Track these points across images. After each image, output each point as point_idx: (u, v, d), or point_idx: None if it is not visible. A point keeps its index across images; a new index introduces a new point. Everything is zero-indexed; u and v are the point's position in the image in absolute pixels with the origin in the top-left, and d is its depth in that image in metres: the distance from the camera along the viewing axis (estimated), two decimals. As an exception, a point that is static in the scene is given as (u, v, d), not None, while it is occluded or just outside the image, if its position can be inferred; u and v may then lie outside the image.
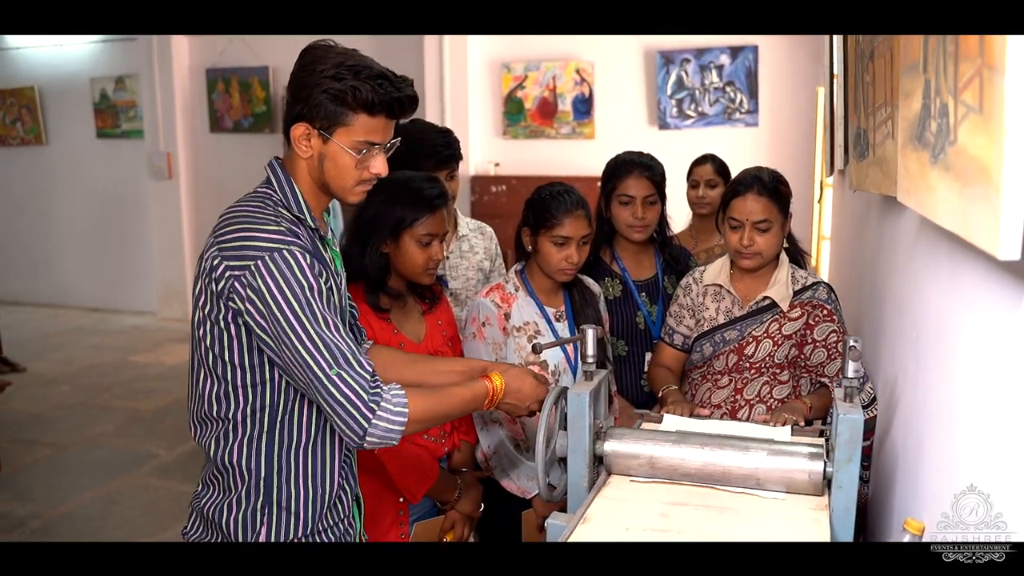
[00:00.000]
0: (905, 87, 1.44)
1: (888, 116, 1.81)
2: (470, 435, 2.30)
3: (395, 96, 1.53)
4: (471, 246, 2.70)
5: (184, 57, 7.97)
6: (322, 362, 1.45)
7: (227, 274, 1.46)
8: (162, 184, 8.09)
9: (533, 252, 2.29)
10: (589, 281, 2.45)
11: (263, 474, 1.58)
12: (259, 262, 1.45)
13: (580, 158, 6.53)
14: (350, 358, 1.46)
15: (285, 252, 1.46)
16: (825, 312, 2.23)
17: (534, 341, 2.17)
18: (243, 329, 1.50)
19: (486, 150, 6.93)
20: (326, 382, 1.44)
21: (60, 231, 8.84)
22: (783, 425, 1.89)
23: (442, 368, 1.92)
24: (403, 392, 1.51)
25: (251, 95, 7.78)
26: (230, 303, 1.48)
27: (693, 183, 3.41)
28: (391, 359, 1.88)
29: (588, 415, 1.60)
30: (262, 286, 1.44)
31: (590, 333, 1.69)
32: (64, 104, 8.53)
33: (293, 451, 1.59)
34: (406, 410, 1.49)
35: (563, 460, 1.70)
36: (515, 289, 2.32)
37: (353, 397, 1.45)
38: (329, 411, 1.46)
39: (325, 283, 1.52)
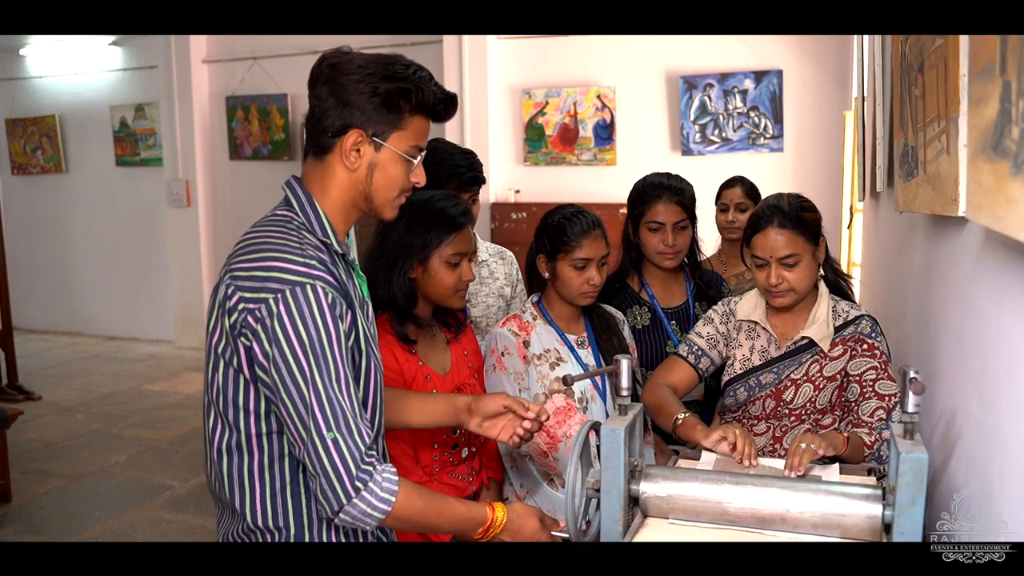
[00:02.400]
0: (975, 94, 1.32)
1: (942, 130, 1.69)
2: (498, 473, 2.18)
3: (442, 95, 1.45)
4: (491, 272, 2.60)
5: (204, 85, 7.98)
6: (320, 421, 1.32)
7: (240, 306, 1.33)
8: (181, 212, 8.06)
9: (551, 279, 2.19)
10: (610, 308, 2.33)
11: (293, 530, 1.44)
12: (278, 296, 1.31)
13: (601, 185, 6.44)
14: (351, 423, 1.33)
15: (308, 289, 1.32)
16: (866, 347, 2.01)
17: (565, 374, 2.05)
18: (249, 371, 1.37)
19: (506, 177, 6.85)
20: (318, 444, 1.32)
21: (79, 259, 8.85)
22: (803, 469, 1.67)
23: (423, 407, 1.82)
24: (396, 480, 1.37)
25: (270, 122, 7.76)
26: (241, 339, 1.34)
27: (722, 207, 3.29)
28: (400, 403, 1.80)
29: (623, 453, 1.48)
30: (276, 325, 1.31)
31: (624, 363, 1.56)
32: (84, 132, 8.58)
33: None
34: (392, 499, 1.36)
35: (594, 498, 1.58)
36: (532, 318, 2.22)
37: (340, 468, 1.32)
38: (312, 471, 1.34)
39: (346, 324, 1.38)
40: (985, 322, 1.42)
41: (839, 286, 2.17)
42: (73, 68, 8.50)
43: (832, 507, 1.45)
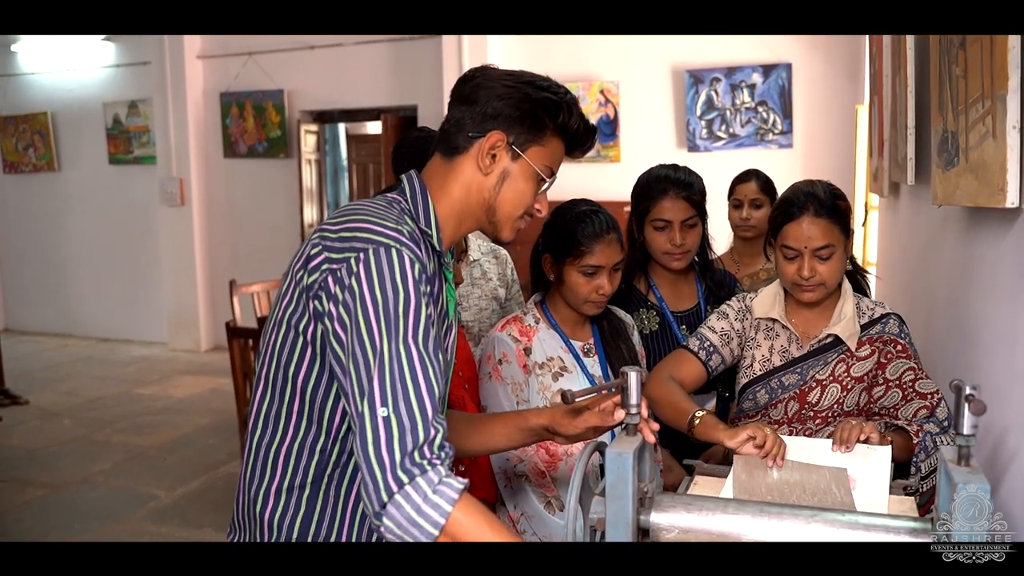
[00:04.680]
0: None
1: (987, 111, 1.50)
2: (490, 494, 1.98)
3: (587, 125, 1.40)
4: (483, 272, 2.41)
5: (198, 81, 7.80)
6: (376, 394, 1.13)
7: (324, 266, 1.22)
8: (174, 211, 7.90)
9: (556, 282, 1.99)
10: (619, 311, 2.13)
11: (295, 536, 1.31)
12: (360, 255, 1.20)
13: (605, 182, 6.23)
14: (413, 406, 1.14)
15: (393, 251, 1.20)
16: (899, 348, 1.87)
17: (557, 386, 1.85)
18: (319, 341, 1.23)
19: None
20: (367, 420, 1.12)
21: (71, 258, 8.69)
22: (852, 444, 1.60)
23: (502, 430, 1.59)
24: (459, 490, 1.13)
25: (266, 119, 7.59)
26: (316, 302, 1.22)
27: (736, 203, 3.07)
28: (461, 425, 1.58)
29: (632, 480, 1.28)
30: (354, 283, 1.18)
31: (633, 377, 1.36)
32: (77, 130, 8.42)
33: (338, 516, 1.32)
34: (447, 508, 1.11)
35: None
36: (535, 321, 2.02)
37: (384, 453, 1.11)
38: (357, 458, 1.14)
39: (428, 307, 1.21)
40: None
41: (857, 282, 2.04)
42: (65, 64, 8.33)
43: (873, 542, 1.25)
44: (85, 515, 4.22)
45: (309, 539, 1.31)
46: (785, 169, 5.78)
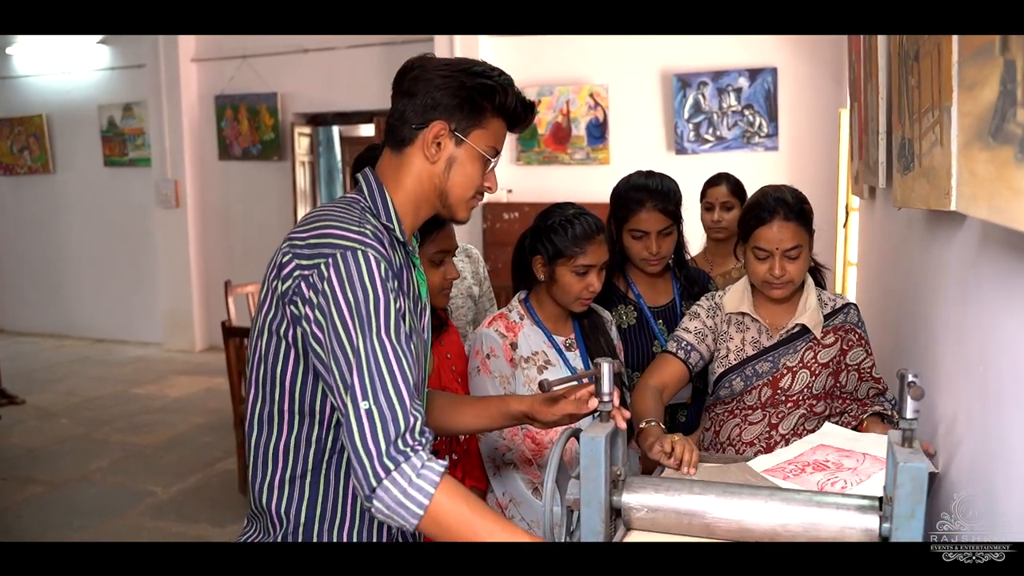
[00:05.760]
0: (967, 78, 1.24)
1: (936, 121, 1.61)
2: (481, 481, 2.09)
3: (523, 102, 1.47)
4: (458, 271, 2.52)
5: (192, 84, 7.88)
6: (357, 389, 1.23)
7: (296, 273, 1.30)
8: (169, 212, 7.97)
9: (548, 282, 2.10)
10: (599, 308, 2.25)
11: (302, 521, 1.40)
12: (329, 260, 1.28)
13: (595, 184, 6.32)
14: (392, 398, 1.24)
15: (359, 253, 1.29)
16: (857, 336, 2.08)
17: (541, 378, 1.96)
18: (300, 343, 1.33)
19: (499, 176, 6.71)
20: (351, 414, 1.23)
21: (67, 260, 8.75)
22: None
23: (485, 413, 1.71)
24: (441, 473, 1.24)
25: (260, 122, 7.67)
26: (292, 307, 1.31)
27: (707, 206, 3.19)
28: (445, 404, 1.70)
29: (604, 462, 1.39)
30: (326, 287, 1.27)
31: (606, 367, 1.47)
32: (72, 132, 8.48)
33: (339, 499, 1.41)
34: (430, 490, 1.22)
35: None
36: (520, 318, 2.13)
37: (370, 442, 1.22)
38: (346, 447, 1.25)
39: (396, 301, 1.31)
40: (988, 323, 1.34)
41: (816, 277, 2.19)
42: (60, 67, 8.40)
43: (827, 520, 1.36)
44: (84, 511, 4.31)
45: (316, 523, 1.40)
46: (771, 171, 5.91)
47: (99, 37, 8.15)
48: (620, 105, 6.45)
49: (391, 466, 1.22)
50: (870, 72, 2.89)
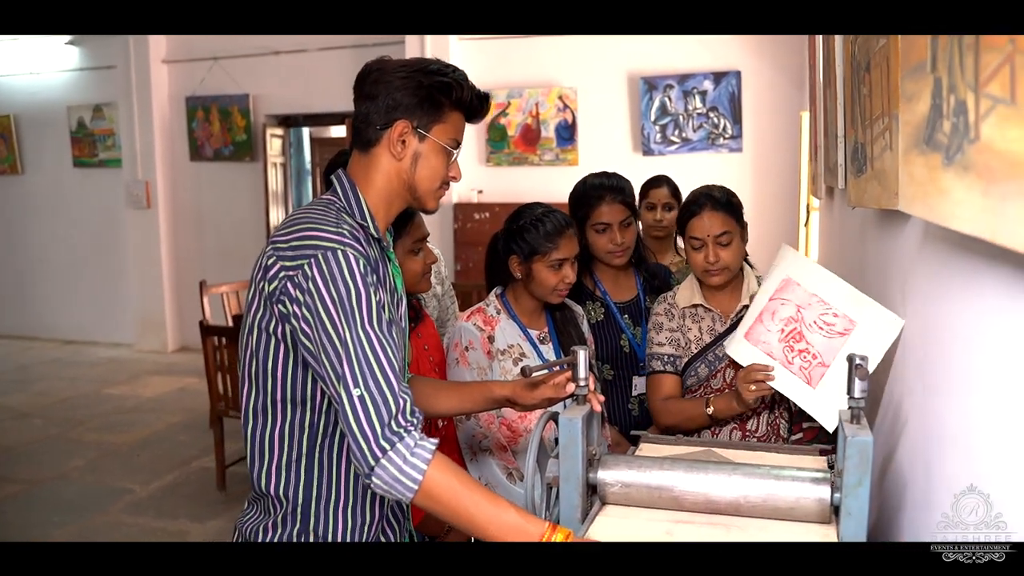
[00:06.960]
0: (907, 90, 1.38)
1: (886, 127, 1.75)
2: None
3: (478, 94, 1.55)
4: (436, 255, 2.63)
5: (163, 85, 7.90)
6: (348, 378, 1.35)
7: (281, 274, 1.40)
8: (140, 213, 7.98)
9: (525, 279, 2.21)
10: (571, 303, 2.38)
11: (300, 501, 1.51)
12: (311, 260, 1.39)
13: (564, 185, 6.31)
14: (381, 383, 1.35)
15: (339, 252, 1.39)
16: None
17: (522, 365, 2.08)
18: (289, 338, 1.43)
19: (469, 177, 6.86)
20: (345, 401, 1.34)
21: (36, 261, 8.71)
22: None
23: (468, 397, 1.84)
24: (431, 450, 1.35)
25: (231, 123, 7.71)
26: (279, 306, 1.41)
27: (649, 205, 3.38)
28: (429, 388, 1.82)
29: (581, 442, 1.51)
30: (311, 286, 1.37)
31: (581, 355, 1.60)
32: (41, 133, 8.45)
33: (334, 478, 1.52)
34: (423, 467, 1.33)
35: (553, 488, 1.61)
36: (496, 312, 2.25)
37: (366, 426, 1.33)
38: (344, 431, 1.37)
39: (376, 295, 1.42)
40: (926, 312, 1.48)
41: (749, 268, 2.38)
42: (29, 68, 8.37)
43: (784, 492, 1.49)
44: (64, 509, 4.36)
45: (312, 502, 1.51)
46: (736, 172, 6.08)
47: (68, 38, 8.14)
48: (588, 107, 6.59)
49: (387, 446, 1.33)
50: (828, 79, 3.04)
